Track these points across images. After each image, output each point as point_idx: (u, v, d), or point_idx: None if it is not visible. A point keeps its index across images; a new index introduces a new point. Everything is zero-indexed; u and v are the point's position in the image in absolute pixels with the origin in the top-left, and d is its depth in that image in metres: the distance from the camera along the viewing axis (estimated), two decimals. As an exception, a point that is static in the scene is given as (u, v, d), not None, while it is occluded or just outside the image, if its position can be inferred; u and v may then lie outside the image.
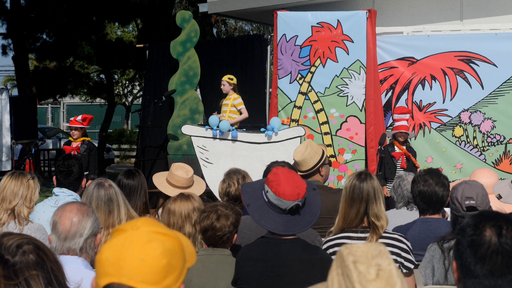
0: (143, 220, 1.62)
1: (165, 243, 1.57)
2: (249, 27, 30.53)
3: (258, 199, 3.08)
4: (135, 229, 1.58)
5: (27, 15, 17.48)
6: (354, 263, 1.28)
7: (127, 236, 1.57)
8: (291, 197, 2.99)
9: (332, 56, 8.28)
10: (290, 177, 3.06)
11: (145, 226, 1.59)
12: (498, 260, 1.75)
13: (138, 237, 1.56)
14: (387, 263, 1.29)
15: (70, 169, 4.52)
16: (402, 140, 7.73)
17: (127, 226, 1.60)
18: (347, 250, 1.31)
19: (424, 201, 3.92)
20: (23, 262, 1.95)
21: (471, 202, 3.42)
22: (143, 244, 1.55)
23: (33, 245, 2.00)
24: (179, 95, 9.75)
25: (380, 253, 1.31)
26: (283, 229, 3.00)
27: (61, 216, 2.83)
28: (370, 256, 1.29)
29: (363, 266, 1.27)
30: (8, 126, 11.95)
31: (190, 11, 10.75)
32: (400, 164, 7.68)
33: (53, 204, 4.34)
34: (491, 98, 8.05)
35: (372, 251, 1.30)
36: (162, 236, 1.58)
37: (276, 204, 3.01)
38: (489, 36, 8.10)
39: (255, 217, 3.07)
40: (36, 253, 2.00)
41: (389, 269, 1.27)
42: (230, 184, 4.67)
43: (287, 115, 8.44)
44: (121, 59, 19.59)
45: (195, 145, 8.07)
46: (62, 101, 30.32)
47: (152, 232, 1.58)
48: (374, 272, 1.26)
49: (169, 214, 3.81)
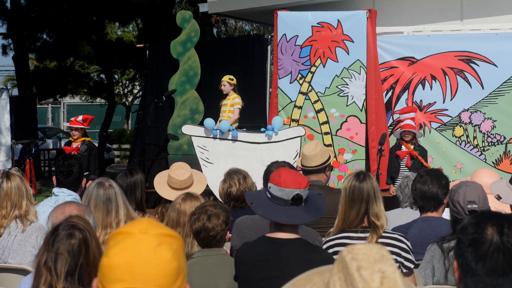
0: (147, 222, 1.61)
1: (173, 245, 1.58)
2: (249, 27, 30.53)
3: (261, 197, 3.11)
4: (144, 232, 1.57)
5: (27, 15, 17.47)
6: (358, 270, 1.25)
7: (136, 240, 1.56)
8: (292, 185, 3.00)
9: (332, 56, 8.28)
10: (291, 171, 3.11)
11: (152, 228, 1.58)
12: (499, 259, 1.75)
13: (149, 241, 1.55)
14: (392, 270, 1.26)
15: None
16: (407, 139, 7.66)
17: (134, 230, 1.58)
18: (350, 255, 1.28)
19: (421, 198, 3.95)
20: (63, 240, 2.15)
21: (473, 206, 3.41)
22: (155, 248, 1.55)
23: (82, 237, 2.20)
24: (179, 95, 9.75)
25: (383, 258, 1.28)
26: (286, 219, 3.01)
27: (57, 216, 2.83)
28: (372, 260, 1.27)
29: (366, 272, 1.25)
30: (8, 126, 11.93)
31: (190, 11, 10.75)
32: (405, 163, 7.63)
33: (52, 204, 4.34)
34: (491, 98, 8.05)
35: (374, 254, 1.28)
36: (169, 238, 1.59)
37: (278, 196, 3.01)
38: (489, 36, 8.10)
39: (259, 211, 3.08)
40: (79, 244, 2.27)
41: (394, 277, 1.25)
42: (231, 184, 4.67)
43: (287, 115, 8.44)
44: (121, 59, 19.59)
45: (195, 145, 8.07)
46: (62, 101, 30.32)
47: (160, 234, 1.58)
48: (378, 279, 1.24)
49: (179, 214, 3.81)
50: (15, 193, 4.06)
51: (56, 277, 2.22)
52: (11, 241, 3.99)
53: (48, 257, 2.25)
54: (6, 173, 4.15)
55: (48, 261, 2.25)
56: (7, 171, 4.22)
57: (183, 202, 3.85)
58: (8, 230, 4.00)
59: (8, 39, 17.93)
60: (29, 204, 4.11)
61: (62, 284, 2.21)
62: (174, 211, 3.85)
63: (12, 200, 4.04)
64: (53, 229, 2.34)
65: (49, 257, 2.25)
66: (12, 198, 4.05)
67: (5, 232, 4.00)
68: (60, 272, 2.22)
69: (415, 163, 7.57)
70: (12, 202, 4.04)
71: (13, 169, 4.32)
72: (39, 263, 2.28)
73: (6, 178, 4.09)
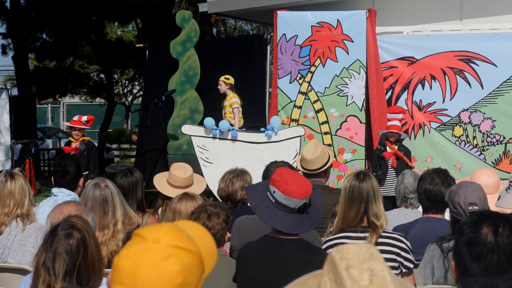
0: (166, 230, 1.56)
1: (184, 260, 1.53)
2: (248, 26, 30.51)
3: (264, 201, 3.08)
4: (156, 241, 1.53)
5: (27, 15, 17.46)
6: (346, 269, 1.24)
7: (146, 248, 1.52)
8: (300, 195, 2.99)
9: (332, 56, 8.28)
10: (296, 177, 3.08)
11: (167, 239, 1.54)
12: (493, 259, 1.75)
13: (157, 251, 1.51)
14: (380, 268, 1.25)
15: (65, 169, 4.53)
16: (393, 140, 7.70)
17: (149, 235, 1.54)
18: (339, 255, 1.27)
19: (428, 199, 3.93)
20: (61, 240, 2.15)
21: (474, 208, 3.41)
22: (161, 260, 1.51)
23: (81, 237, 2.20)
24: (179, 95, 9.75)
25: (372, 257, 1.27)
26: (293, 227, 3.01)
27: (56, 216, 2.84)
28: (361, 259, 1.25)
29: (355, 271, 1.23)
30: (7, 125, 11.93)
31: (190, 11, 10.75)
32: (391, 164, 7.66)
33: (51, 204, 4.35)
34: (491, 98, 8.04)
35: (363, 253, 1.26)
36: (182, 252, 1.54)
37: (284, 203, 3.01)
38: (489, 36, 8.09)
39: (264, 218, 3.06)
40: (77, 244, 2.28)
41: (383, 274, 1.24)
42: (220, 184, 4.70)
43: (287, 114, 8.44)
44: (121, 59, 19.59)
45: (195, 145, 8.07)
46: (62, 100, 30.32)
47: (173, 246, 1.53)
48: (367, 277, 1.23)
49: (174, 214, 3.81)
50: (19, 192, 4.08)
51: (54, 277, 2.22)
52: (11, 240, 3.99)
53: (47, 257, 2.26)
54: (10, 172, 4.17)
55: (47, 261, 2.25)
56: (11, 171, 4.24)
57: (179, 202, 3.85)
58: (8, 229, 4.01)
59: (8, 39, 17.93)
60: (30, 204, 4.13)
61: (60, 284, 2.21)
62: (170, 210, 3.86)
63: (16, 199, 4.06)
64: (52, 229, 2.34)
65: (48, 257, 2.26)
66: (15, 197, 4.06)
67: (5, 231, 4.01)
68: (58, 272, 2.23)
69: (400, 163, 7.60)
70: (15, 201, 4.06)
71: (16, 170, 4.34)
72: (38, 263, 2.28)
73: (11, 177, 4.11)
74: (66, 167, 4.52)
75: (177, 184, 5.02)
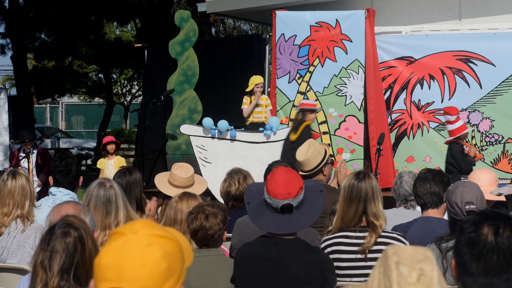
0: (141, 222, 1.59)
1: (165, 246, 1.55)
2: (247, 26, 30.50)
3: (258, 198, 3.10)
4: (134, 232, 1.55)
5: (26, 15, 17.45)
6: (396, 264, 1.28)
7: (126, 240, 1.54)
8: (280, 196, 3.00)
9: (330, 56, 8.29)
10: (284, 177, 3.06)
11: (144, 229, 1.56)
12: (493, 259, 1.75)
13: (138, 241, 1.53)
14: (430, 268, 1.29)
15: (69, 168, 4.51)
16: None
17: (126, 229, 1.57)
18: (393, 250, 1.31)
19: (420, 194, 3.94)
20: (58, 238, 2.27)
21: (471, 207, 3.42)
22: (143, 248, 1.52)
23: (78, 236, 2.23)
24: (177, 95, 9.75)
25: (426, 258, 1.30)
26: (275, 228, 3.01)
27: (54, 215, 2.83)
28: (415, 260, 1.29)
29: (406, 268, 1.27)
30: (6, 125, 11.92)
31: (188, 11, 10.75)
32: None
33: (50, 204, 4.33)
34: (490, 98, 8.05)
35: (419, 255, 1.30)
36: (161, 239, 1.56)
37: (269, 202, 3.03)
38: (487, 36, 8.11)
39: (251, 216, 3.10)
40: (74, 242, 2.29)
41: (431, 275, 1.27)
42: (231, 184, 4.68)
43: (286, 114, 8.44)
44: (120, 59, 19.58)
45: (193, 145, 8.07)
46: (60, 100, 30.26)
47: (151, 235, 1.55)
48: (415, 276, 1.26)
49: (175, 212, 3.81)
50: (19, 192, 4.04)
51: (51, 274, 2.22)
52: (10, 241, 3.98)
53: (44, 256, 2.26)
54: (13, 171, 4.13)
55: (44, 260, 2.26)
56: (15, 170, 4.21)
57: (180, 201, 3.85)
58: (8, 230, 3.99)
59: (7, 39, 17.92)
60: (31, 205, 4.10)
61: (57, 282, 2.21)
62: (171, 209, 3.85)
63: (15, 199, 4.03)
64: (49, 229, 2.35)
65: (45, 256, 2.26)
66: (15, 197, 4.03)
67: (5, 232, 3.99)
68: (54, 269, 2.23)
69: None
70: (15, 201, 4.03)
71: (21, 169, 4.31)
72: (35, 262, 2.29)
73: (12, 176, 4.07)
74: (69, 166, 4.51)
75: (177, 184, 5.01)
